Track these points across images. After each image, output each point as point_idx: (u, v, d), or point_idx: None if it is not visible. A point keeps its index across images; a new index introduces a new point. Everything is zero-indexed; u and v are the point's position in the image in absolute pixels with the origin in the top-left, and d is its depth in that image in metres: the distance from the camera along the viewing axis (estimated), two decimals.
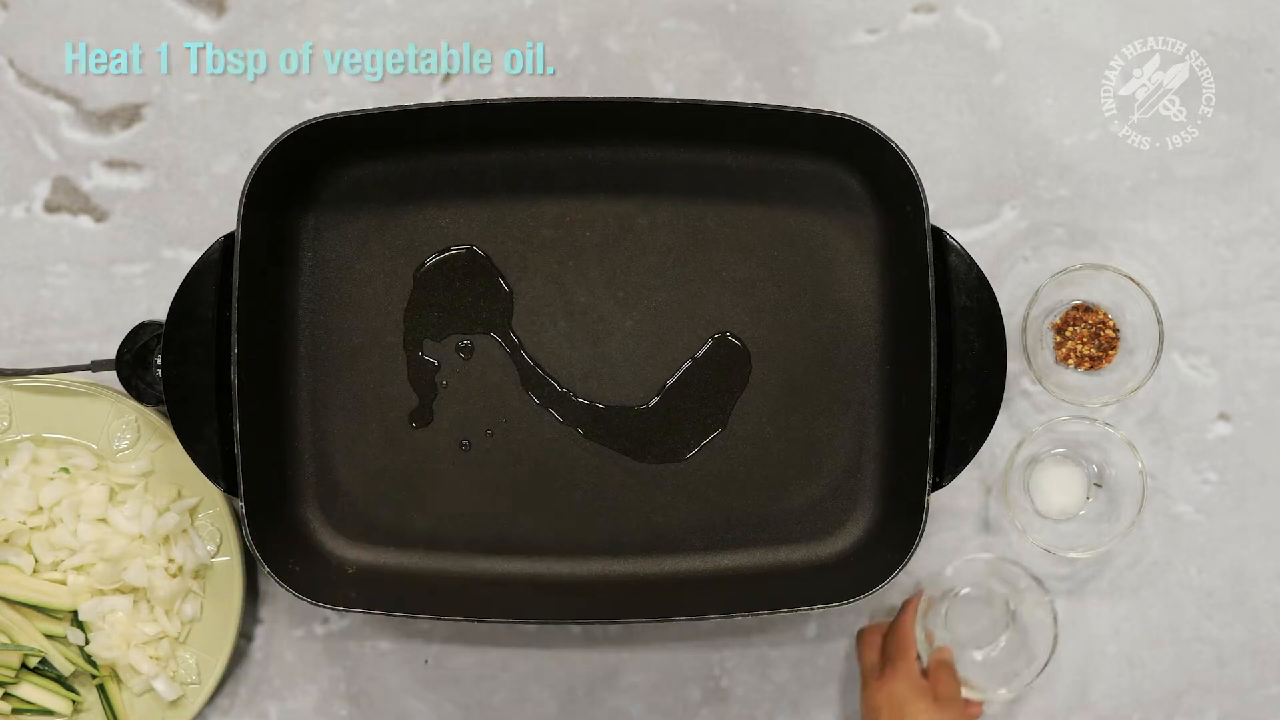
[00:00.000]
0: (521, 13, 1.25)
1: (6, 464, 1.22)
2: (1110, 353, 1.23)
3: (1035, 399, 1.24)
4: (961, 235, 1.17)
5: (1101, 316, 1.23)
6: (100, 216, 1.25)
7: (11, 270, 1.25)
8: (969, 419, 1.15)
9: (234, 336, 1.13)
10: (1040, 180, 1.25)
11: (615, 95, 1.19)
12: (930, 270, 1.13)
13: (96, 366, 1.20)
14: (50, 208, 1.25)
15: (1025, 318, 1.21)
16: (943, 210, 1.24)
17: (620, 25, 1.25)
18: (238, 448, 1.13)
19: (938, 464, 1.14)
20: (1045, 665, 1.20)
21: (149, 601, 1.21)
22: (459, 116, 1.17)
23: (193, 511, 1.23)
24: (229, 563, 1.22)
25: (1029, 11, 1.25)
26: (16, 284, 1.25)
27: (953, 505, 1.24)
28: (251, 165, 1.13)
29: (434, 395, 1.20)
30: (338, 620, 1.24)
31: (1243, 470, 1.24)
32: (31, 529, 1.21)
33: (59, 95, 1.25)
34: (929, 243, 1.13)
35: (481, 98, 1.23)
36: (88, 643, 1.21)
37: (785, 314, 1.20)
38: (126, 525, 1.21)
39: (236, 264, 1.13)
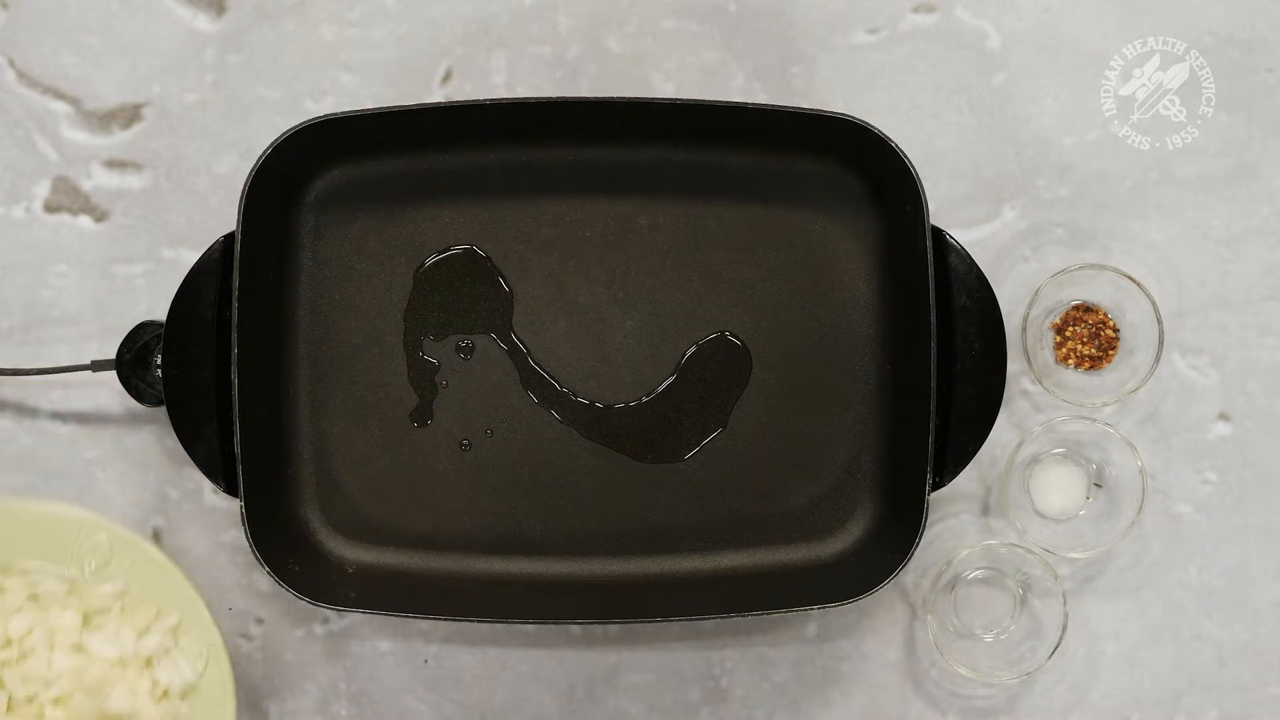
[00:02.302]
0: (521, 13, 1.25)
1: None
2: (1110, 353, 1.23)
3: (1035, 399, 1.24)
4: (961, 235, 1.17)
5: (1101, 316, 1.23)
6: (100, 216, 1.25)
7: (11, 270, 1.25)
8: (969, 419, 1.15)
9: (234, 336, 1.13)
10: (1040, 180, 1.25)
11: (615, 95, 1.19)
12: (930, 270, 1.13)
13: (96, 366, 1.20)
14: (50, 208, 1.25)
15: (1025, 318, 1.21)
16: (943, 210, 1.24)
17: (620, 25, 1.25)
18: (238, 448, 1.13)
19: (938, 464, 1.14)
20: (1055, 649, 1.20)
21: None
22: (459, 116, 1.17)
23: (175, 630, 1.17)
24: (219, 679, 1.16)
25: (1029, 11, 1.25)
26: (16, 284, 1.25)
27: (954, 505, 1.24)
28: (251, 165, 1.14)
29: (434, 395, 1.20)
30: (338, 620, 1.24)
31: (1243, 470, 1.24)
32: (1, 664, 1.15)
33: (59, 95, 1.25)
34: (929, 243, 1.13)
35: (481, 98, 1.23)
36: None
37: (785, 314, 1.20)
38: (105, 650, 1.15)
39: (236, 264, 1.13)
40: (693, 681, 1.25)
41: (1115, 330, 1.23)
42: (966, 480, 1.22)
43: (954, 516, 1.24)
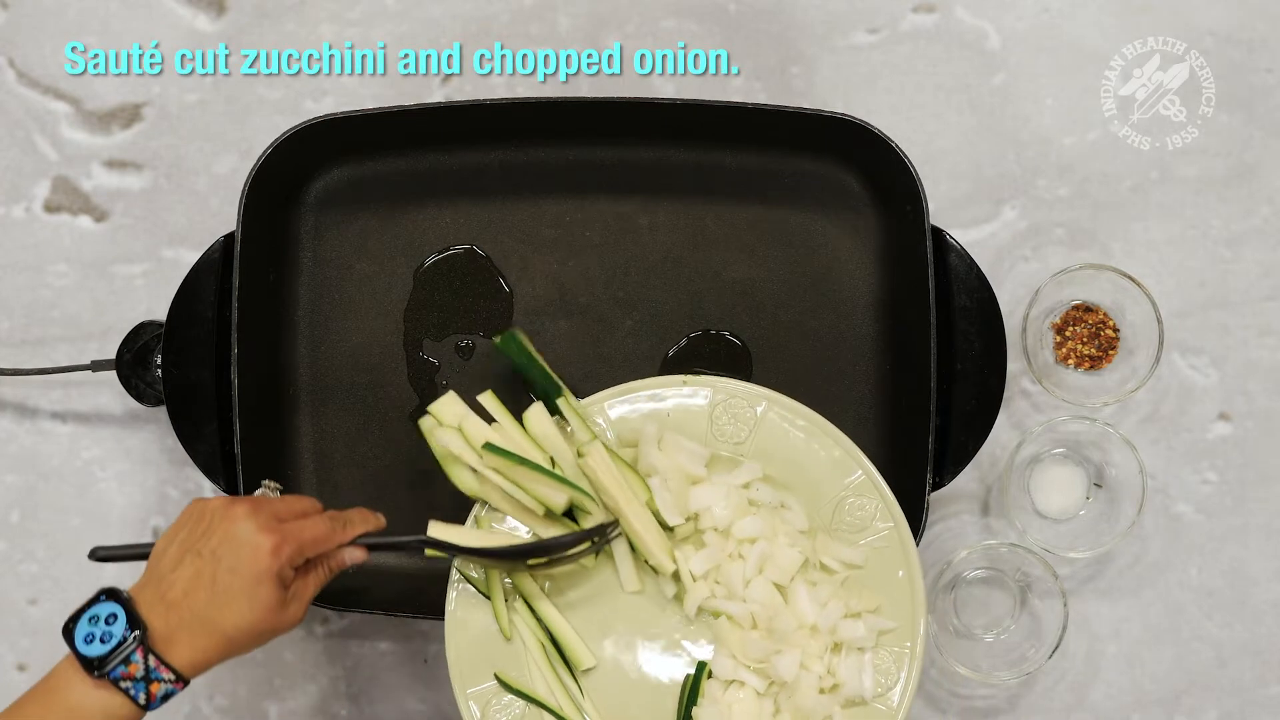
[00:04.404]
0: (521, 13, 1.25)
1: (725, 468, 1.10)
2: (1110, 353, 1.23)
3: (1035, 399, 1.24)
4: (961, 235, 1.17)
5: (1101, 316, 1.23)
6: (100, 216, 1.25)
7: (11, 270, 1.25)
8: (969, 419, 1.15)
9: (234, 336, 1.13)
10: (1040, 180, 1.25)
11: (615, 95, 1.19)
12: (930, 270, 1.13)
13: (96, 366, 1.20)
14: (50, 208, 1.25)
15: (1025, 318, 1.21)
16: (943, 210, 1.24)
17: (620, 25, 1.25)
18: (238, 448, 1.13)
19: (938, 464, 1.14)
20: (1054, 650, 1.20)
21: (781, 704, 1.07)
22: (459, 116, 1.17)
23: (882, 634, 1.08)
24: (888, 716, 1.07)
25: (1029, 11, 1.25)
26: (16, 284, 1.25)
27: (954, 505, 1.24)
28: (251, 165, 1.14)
29: (434, 395, 1.20)
30: (338, 620, 1.24)
31: (1243, 470, 1.24)
32: (711, 551, 1.08)
33: (59, 95, 1.25)
34: (929, 243, 1.13)
35: (481, 98, 1.23)
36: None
37: (785, 314, 1.20)
38: (806, 608, 1.07)
39: (236, 264, 1.13)
40: None
41: (1115, 330, 1.23)
42: (966, 480, 1.22)
43: (954, 516, 1.24)
